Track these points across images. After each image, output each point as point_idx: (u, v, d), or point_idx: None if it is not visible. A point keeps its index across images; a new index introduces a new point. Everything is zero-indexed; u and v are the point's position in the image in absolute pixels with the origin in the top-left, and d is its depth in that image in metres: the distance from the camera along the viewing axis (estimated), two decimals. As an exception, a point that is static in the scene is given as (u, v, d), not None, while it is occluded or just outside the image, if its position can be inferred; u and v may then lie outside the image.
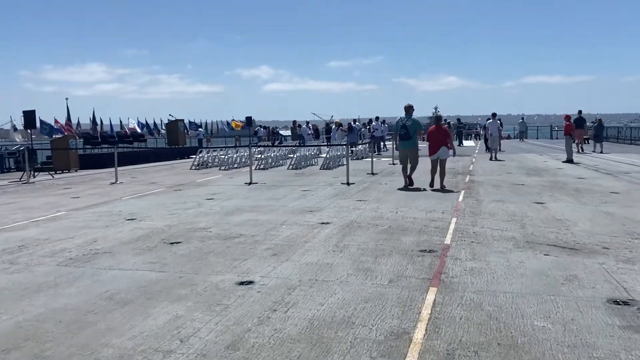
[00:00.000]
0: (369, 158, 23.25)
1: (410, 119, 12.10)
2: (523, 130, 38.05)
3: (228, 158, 19.77)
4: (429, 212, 8.78)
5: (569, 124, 18.62)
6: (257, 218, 8.52)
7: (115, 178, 15.11)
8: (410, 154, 12.10)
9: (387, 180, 13.92)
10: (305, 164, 19.71)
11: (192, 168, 19.66)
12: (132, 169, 20.46)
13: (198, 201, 10.64)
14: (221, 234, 7.31)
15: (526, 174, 14.89)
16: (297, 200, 10.40)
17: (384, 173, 16.00)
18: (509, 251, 6.07)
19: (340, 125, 26.93)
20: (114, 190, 13.15)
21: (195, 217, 8.77)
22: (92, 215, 9.28)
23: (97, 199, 11.51)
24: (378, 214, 8.68)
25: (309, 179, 14.92)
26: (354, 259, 5.79)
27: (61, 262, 6.04)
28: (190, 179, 15.65)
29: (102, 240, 7.12)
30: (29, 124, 18.71)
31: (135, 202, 10.84)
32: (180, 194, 12.03)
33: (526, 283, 4.88)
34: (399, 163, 12.39)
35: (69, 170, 20.05)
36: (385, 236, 6.94)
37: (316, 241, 6.74)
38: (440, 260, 5.70)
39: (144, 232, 7.59)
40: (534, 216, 8.23)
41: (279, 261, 5.79)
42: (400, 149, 12.26)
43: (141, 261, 5.97)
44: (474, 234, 7.03)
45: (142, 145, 27.75)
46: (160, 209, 9.69)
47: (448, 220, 8.02)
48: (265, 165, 19.28)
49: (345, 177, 13.52)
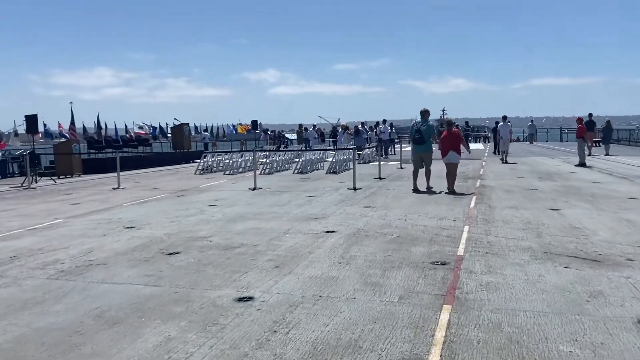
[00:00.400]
0: (376, 162, 22.91)
1: (426, 124, 12.10)
2: (532, 133, 37.55)
3: (233, 162, 19.47)
4: (440, 219, 8.41)
5: (581, 127, 18.18)
6: (259, 226, 8.18)
7: (117, 183, 14.83)
8: (425, 158, 12.09)
9: (395, 185, 13.56)
10: (311, 168, 19.37)
11: (197, 173, 19.36)
12: (136, 173, 20.20)
13: (200, 208, 10.32)
14: (222, 244, 6.97)
15: (538, 178, 14.47)
16: (301, 207, 10.06)
17: (392, 177, 15.64)
18: (527, 263, 5.69)
19: (346, 128, 26.58)
20: (115, 196, 12.87)
21: (196, 225, 8.45)
22: (90, 223, 8.98)
23: (97, 205, 11.22)
24: (386, 221, 8.32)
25: (314, 183, 14.58)
26: (361, 272, 5.44)
27: (52, 275, 5.72)
28: (194, 184, 15.35)
29: (97, 251, 6.80)
30: (31, 128, 18.51)
31: (136, 209, 10.53)
32: (183, 200, 11.72)
33: (548, 300, 4.51)
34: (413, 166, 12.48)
35: (72, 175, 19.80)
36: (394, 246, 6.58)
37: (321, 252, 6.39)
38: (453, 273, 5.34)
39: (141, 242, 7.27)
40: (550, 224, 7.84)
41: (281, 274, 5.44)
42: (415, 153, 12.34)
43: (136, 274, 5.64)
44: (488, 243, 6.65)
45: (147, 149, 27.54)
46: (160, 216, 9.38)
47: (460, 228, 7.64)
48: (271, 170, 18.96)
49: (352, 181, 13.17)
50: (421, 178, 12.22)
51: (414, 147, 12.33)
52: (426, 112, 12.24)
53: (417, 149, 12.24)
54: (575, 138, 19.26)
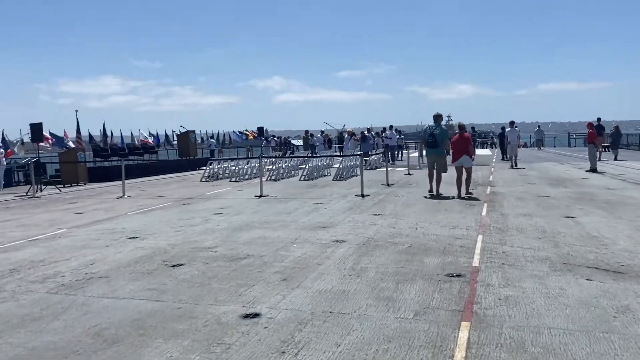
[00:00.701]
0: (383, 168, 22.66)
1: (439, 128, 12.16)
2: (540, 138, 37.20)
3: (239, 169, 19.28)
4: (452, 228, 8.15)
5: (592, 132, 17.87)
6: (266, 235, 7.96)
7: (122, 192, 14.66)
8: (438, 162, 12.12)
9: (404, 191, 13.30)
10: (318, 174, 19.16)
11: (203, 180, 19.19)
12: (142, 181, 20.05)
13: (205, 216, 10.11)
14: (227, 255, 6.75)
15: (550, 184, 14.18)
16: (309, 215, 9.83)
17: (400, 184, 15.38)
18: (546, 275, 5.43)
19: (353, 134, 26.36)
20: (120, 204, 12.68)
21: (201, 234, 8.24)
22: (93, 233, 8.78)
23: (102, 214, 11.03)
24: (397, 230, 8.08)
25: (321, 190, 14.35)
26: (372, 286, 5.20)
27: (51, 289, 5.52)
28: (200, 191, 15.16)
29: (99, 263, 6.59)
30: (36, 136, 18.41)
31: (141, 218, 10.34)
32: (188, 208, 11.52)
33: (572, 316, 4.25)
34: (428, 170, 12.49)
35: (77, 183, 19.67)
36: (406, 257, 6.33)
37: (330, 263, 6.15)
38: (470, 286, 5.09)
39: (145, 253, 7.06)
40: (566, 233, 7.57)
41: (289, 288, 5.21)
42: (428, 157, 12.46)
43: (138, 287, 5.42)
44: (503, 254, 6.40)
45: (152, 157, 27.42)
46: (165, 226, 9.17)
47: (473, 237, 7.39)
48: (277, 177, 18.76)
49: (360, 188, 12.93)
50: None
51: (427, 150, 12.42)
52: (439, 117, 12.39)
53: (430, 152, 12.30)
54: (586, 143, 18.95)
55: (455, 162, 11.97)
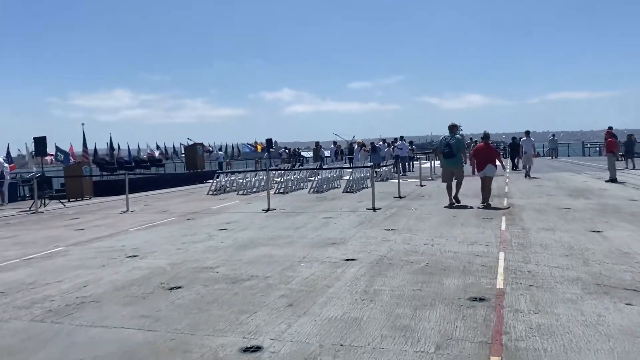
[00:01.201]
0: (394, 180, 22.14)
1: (454, 138, 12.15)
2: (554, 148, 36.52)
3: (246, 182, 18.86)
4: (470, 244, 7.63)
5: (611, 141, 17.27)
6: (272, 253, 7.48)
7: (126, 207, 14.27)
8: (455, 171, 12.13)
9: (417, 204, 12.78)
10: (327, 187, 18.69)
11: (209, 193, 18.78)
12: (147, 195, 19.69)
13: (209, 233, 9.65)
14: (229, 276, 6.28)
15: (569, 195, 13.60)
16: (318, 230, 9.35)
17: (412, 196, 14.87)
18: (580, 299, 4.90)
19: (363, 145, 25.89)
20: (122, 220, 12.28)
21: (203, 252, 7.78)
22: (91, 251, 8.35)
23: (102, 231, 10.62)
24: (411, 247, 7.57)
25: (331, 203, 13.87)
26: (388, 312, 4.69)
27: (38, 315, 5.07)
28: (205, 205, 14.74)
29: (93, 285, 6.15)
30: (40, 150, 18.13)
31: (142, 234, 9.91)
32: (192, 224, 11.07)
33: (617, 349, 3.73)
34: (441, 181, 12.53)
35: (82, 198, 19.35)
36: (423, 277, 5.83)
37: (340, 285, 5.66)
38: (496, 313, 4.57)
39: (142, 274, 6.61)
40: (595, 249, 7.02)
41: (295, 315, 4.72)
42: (444, 167, 12.34)
43: (131, 314, 4.96)
44: (529, 273, 5.87)
45: (160, 170, 27.11)
46: (166, 243, 8.73)
47: (494, 254, 6.87)
48: (285, 189, 18.30)
49: (371, 201, 12.44)
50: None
51: (444, 161, 12.29)
52: (454, 127, 12.42)
53: (447, 162, 12.22)
54: (605, 152, 18.35)
55: (480, 172, 11.96)
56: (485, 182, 11.86)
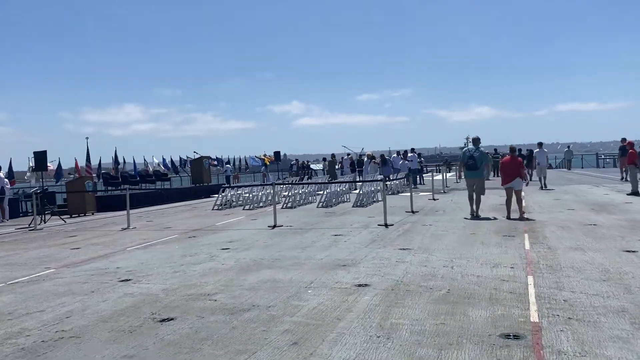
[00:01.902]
0: (405, 193, 21.47)
1: (478, 150, 12.41)
2: (570, 159, 35.68)
3: (253, 196, 18.26)
4: (494, 266, 6.96)
5: (632, 152, 16.51)
6: (276, 277, 6.84)
7: (127, 223, 13.70)
8: (477, 184, 12.27)
9: (431, 220, 12.10)
10: (337, 201, 18.04)
11: (215, 208, 18.19)
12: (151, 210, 19.15)
13: (211, 252, 9.04)
14: (228, 305, 5.64)
15: (591, 210, 12.87)
16: (327, 250, 8.70)
17: (426, 211, 14.19)
18: (631, 336, 4.22)
19: (372, 157, 25.26)
20: (122, 238, 11.70)
21: (202, 276, 7.15)
22: (82, 274, 7.75)
23: (99, 250, 10.04)
24: (429, 269, 6.90)
25: (340, 219, 13.23)
26: (408, 353, 4.04)
27: (7, 356, 4.46)
28: (209, 222, 14.14)
29: (77, 316, 5.54)
30: (40, 165, 17.68)
31: (140, 254, 9.31)
32: (194, 242, 10.46)
33: (693, 408, 3.05)
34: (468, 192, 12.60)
35: (84, 213, 18.85)
36: (445, 308, 5.16)
37: (352, 317, 5.00)
38: (536, 355, 3.90)
39: (133, 301, 5.99)
40: (634, 272, 6.32)
41: (300, 356, 4.08)
42: (468, 179, 12.53)
43: (113, 354, 4.33)
44: (565, 302, 5.19)
45: (165, 184, 26.62)
46: (164, 265, 8.11)
47: (522, 279, 6.19)
48: (293, 204, 17.68)
49: (382, 216, 11.79)
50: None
51: (467, 173, 12.51)
52: (478, 140, 12.73)
53: (469, 175, 12.42)
54: (626, 164, 17.60)
55: (507, 184, 12.02)
56: (516, 194, 11.94)
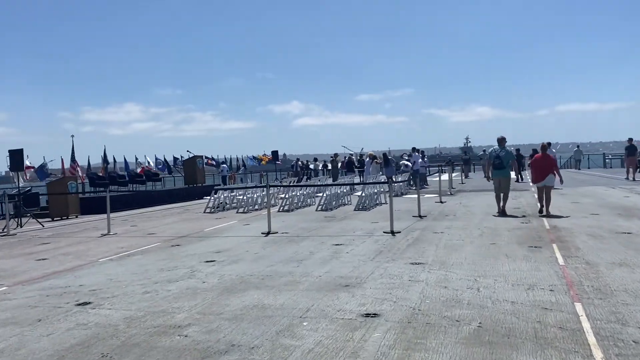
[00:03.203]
0: (409, 194, 20.26)
1: (504, 150, 12.69)
2: (579, 159, 34.46)
3: (247, 199, 17.05)
4: (529, 288, 5.75)
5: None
6: (265, 302, 5.63)
7: (107, 229, 12.49)
8: (503, 183, 12.54)
9: (442, 226, 10.89)
10: (337, 203, 16.84)
11: (206, 211, 17.00)
12: (139, 213, 17.94)
13: (192, 266, 7.83)
14: (201, 343, 4.43)
15: (618, 215, 11.67)
16: (326, 264, 7.49)
17: (434, 215, 12.98)
18: None
19: (374, 157, 24.04)
20: (98, 246, 10.49)
21: (176, 299, 5.94)
22: (36, 294, 6.54)
23: (67, 262, 8.83)
24: (450, 292, 5.69)
25: (341, 224, 12.03)
26: None
27: None
28: (198, 227, 12.93)
29: (6, 358, 4.33)
30: (15, 165, 16.46)
31: (111, 267, 8.10)
32: (176, 252, 9.25)
33: None
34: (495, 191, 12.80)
35: (67, 216, 17.62)
36: (482, 352, 3.95)
37: (360, 366, 3.80)
38: None
39: (84, 335, 4.78)
40: None
41: None
42: (494, 178, 12.71)
43: None
44: (636, 344, 3.98)
45: (157, 185, 25.36)
46: (135, 282, 6.91)
47: (568, 307, 4.98)
48: (290, 206, 16.47)
49: (387, 221, 10.60)
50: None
51: (494, 172, 12.71)
52: (503, 139, 12.82)
53: (496, 174, 12.63)
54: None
55: (539, 182, 12.25)
56: (546, 192, 12.12)
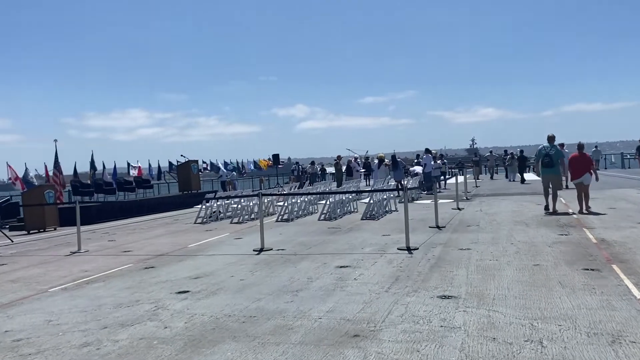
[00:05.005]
0: (421, 200, 18.56)
1: (554, 148, 12.65)
2: (597, 159, 32.65)
3: (241, 208, 15.38)
4: (614, 340, 4.04)
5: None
6: (242, 366, 3.96)
7: (77, 245, 10.86)
8: (553, 180, 12.62)
9: (467, 240, 9.18)
10: (342, 211, 15.16)
11: (198, 221, 15.35)
12: (122, 225, 16.30)
13: (158, 300, 6.16)
14: None
15: (672, 223, 9.94)
16: (329, 298, 5.81)
17: (454, 225, 11.29)
18: None
19: (383, 160, 22.35)
20: (58, 269, 8.85)
21: (120, 357, 4.28)
22: (-59, 347, 4.89)
23: (9, 292, 7.18)
24: (504, 349, 3.99)
25: (347, 238, 10.35)
26: None
27: None
28: (183, 241, 11.27)
29: None
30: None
31: (58, 302, 6.44)
32: (146, 278, 7.58)
33: None
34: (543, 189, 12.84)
35: (44, 229, 16.00)
36: None
37: None
38: None
39: None
40: None
41: None
42: (543, 176, 12.82)
43: None
44: None
45: (148, 192, 23.72)
46: (77, 328, 5.24)
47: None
48: (290, 215, 14.78)
49: (399, 233, 8.98)
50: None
51: (543, 170, 12.77)
52: (553, 138, 12.79)
53: (546, 172, 12.72)
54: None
55: (577, 179, 12.47)
56: (584, 189, 12.36)
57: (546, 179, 12.70)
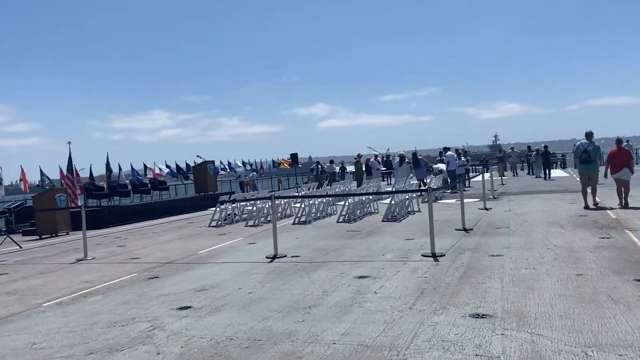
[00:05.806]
0: (444, 199, 17.75)
1: (592, 144, 12.53)
2: (629, 154, 31.35)
3: (257, 210, 14.77)
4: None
5: None
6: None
7: (84, 252, 10.36)
8: (592, 176, 12.53)
9: (498, 245, 8.41)
10: (362, 212, 14.45)
11: (212, 224, 14.80)
12: (135, 229, 15.84)
13: (157, 318, 5.55)
14: None
15: None
16: (345, 317, 5.13)
17: (482, 228, 10.50)
18: None
19: (404, 157, 21.56)
20: (59, 279, 8.33)
21: (98, 397, 3.67)
22: None
23: (1, 308, 6.65)
24: (557, 390, 3.28)
25: (367, 242, 9.65)
26: None
27: None
28: (194, 247, 10.70)
29: None
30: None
31: (48, 321, 5.87)
32: (147, 290, 6.99)
33: None
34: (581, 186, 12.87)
35: (56, 233, 15.61)
36: None
37: None
38: None
39: None
40: None
41: None
42: (582, 172, 12.80)
43: None
44: None
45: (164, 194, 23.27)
46: (60, 353, 4.65)
47: None
48: (307, 217, 14.13)
49: (423, 236, 8.26)
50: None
51: (581, 166, 12.77)
52: (591, 134, 12.74)
53: (584, 168, 12.66)
54: None
55: (615, 174, 12.30)
56: (623, 184, 12.25)
57: (584, 175, 12.71)
